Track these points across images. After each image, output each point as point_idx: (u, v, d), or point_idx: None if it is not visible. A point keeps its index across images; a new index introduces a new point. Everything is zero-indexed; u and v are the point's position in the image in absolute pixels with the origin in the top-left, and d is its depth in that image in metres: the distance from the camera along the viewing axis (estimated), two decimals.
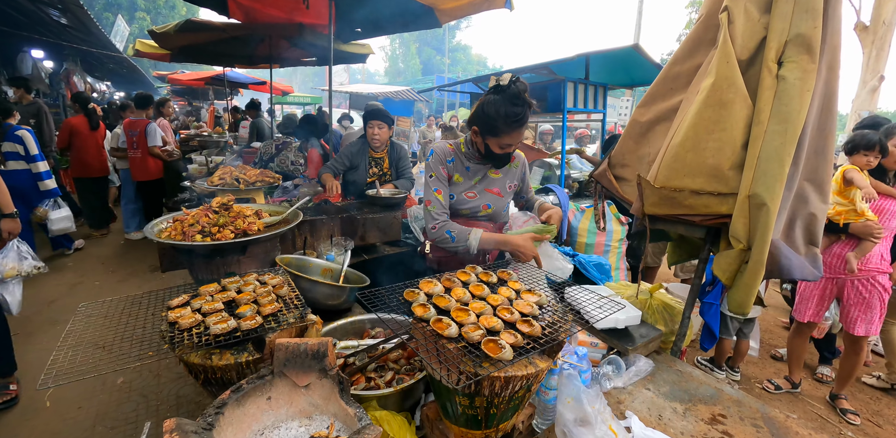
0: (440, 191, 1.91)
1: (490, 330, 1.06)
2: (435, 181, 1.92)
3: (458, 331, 1.03)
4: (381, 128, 3.40)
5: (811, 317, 3.22)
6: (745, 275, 1.55)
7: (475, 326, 1.04)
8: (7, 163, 4.45)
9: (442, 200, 1.90)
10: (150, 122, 5.77)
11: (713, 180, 1.58)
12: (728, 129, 1.56)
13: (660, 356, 1.84)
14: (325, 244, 2.37)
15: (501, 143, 1.79)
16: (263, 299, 1.38)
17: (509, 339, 1.01)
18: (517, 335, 1.02)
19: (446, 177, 1.93)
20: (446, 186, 1.93)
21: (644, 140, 1.89)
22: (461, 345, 1.01)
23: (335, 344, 1.64)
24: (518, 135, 1.78)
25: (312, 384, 1.17)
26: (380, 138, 3.42)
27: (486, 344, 0.98)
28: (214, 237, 1.71)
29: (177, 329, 1.25)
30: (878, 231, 2.76)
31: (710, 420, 1.49)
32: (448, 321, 1.05)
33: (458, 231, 1.84)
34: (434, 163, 1.94)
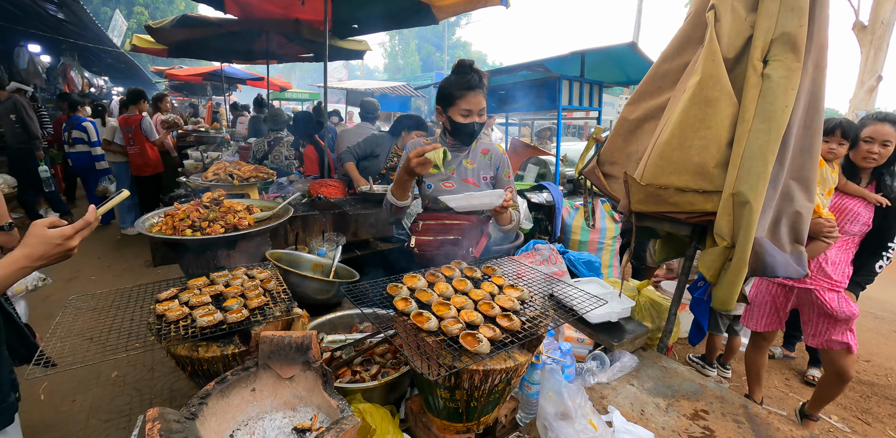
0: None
1: (470, 324, 1.08)
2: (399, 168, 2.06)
3: (438, 325, 1.05)
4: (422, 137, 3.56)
5: (765, 327, 2.85)
6: (728, 273, 1.56)
7: (455, 320, 1.06)
8: (75, 145, 6.32)
9: None
10: (143, 118, 5.76)
11: (698, 178, 1.60)
12: (713, 127, 1.58)
13: (646, 352, 1.86)
14: (317, 239, 2.39)
15: (461, 111, 1.85)
16: (250, 293, 1.39)
17: (487, 333, 1.03)
18: (496, 329, 1.04)
19: None
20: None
21: (632, 138, 1.91)
22: (440, 339, 1.03)
23: (322, 338, 1.66)
24: (473, 99, 1.83)
25: (297, 376, 1.19)
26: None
27: (465, 337, 1.00)
28: (204, 232, 1.72)
29: (164, 321, 1.27)
30: (828, 229, 2.29)
31: (692, 416, 1.51)
32: (428, 314, 1.07)
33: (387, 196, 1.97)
34: (404, 155, 2.04)
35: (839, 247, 2.57)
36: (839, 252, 2.56)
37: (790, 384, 3.69)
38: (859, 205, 2.52)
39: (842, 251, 2.57)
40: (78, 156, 6.43)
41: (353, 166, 3.59)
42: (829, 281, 2.49)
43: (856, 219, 2.53)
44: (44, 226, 1.08)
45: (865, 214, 2.52)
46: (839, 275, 2.52)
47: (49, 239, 1.07)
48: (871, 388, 3.63)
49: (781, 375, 3.81)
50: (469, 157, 2.06)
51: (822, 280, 2.51)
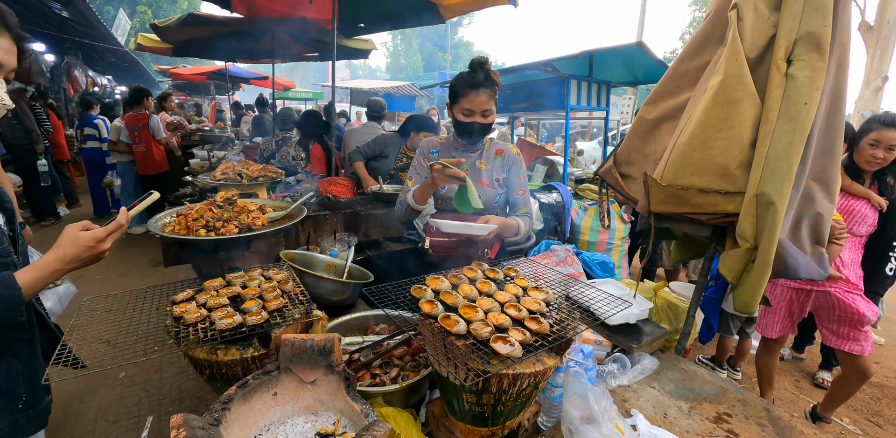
0: (412, 178, 2.07)
1: (498, 327, 1.05)
2: (411, 168, 2.10)
3: (467, 328, 1.03)
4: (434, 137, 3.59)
5: (780, 332, 2.83)
6: (751, 274, 1.54)
7: (483, 323, 1.04)
8: (86, 142, 6.79)
9: (410, 184, 2.05)
10: (150, 116, 5.75)
11: (720, 179, 1.57)
12: (736, 128, 1.55)
13: (664, 354, 1.84)
14: (329, 239, 2.37)
15: (463, 109, 1.84)
16: (269, 294, 1.37)
17: (518, 336, 1.01)
18: (525, 332, 1.02)
19: (424, 167, 2.05)
20: (420, 174, 2.07)
21: (650, 138, 1.89)
22: (469, 342, 1.01)
23: (340, 340, 1.64)
24: (476, 99, 1.80)
25: (319, 380, 1.17)
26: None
27: (495, 340, 0.98)
28: (219, 232, 1.70)
29: (182, 324, 1.25)
30: (839, 231, 2.28)
31: (716, 419, 1.49)
32: (456, 317, 1.05)
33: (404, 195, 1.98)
34: (418, 154, 2.11)
35: (850, 249, 2.56)
36: (850, 253, 2.56)
37: (800, 386, 3.67)
38: (865, 206, 2.53)
39: (853, 252, 2.57)
40: (89, 152, 6.84)
41: (362, 166, 3.58)
42: (847, 282, 2.47)
43: (863, 221, 2.52)
44: (77, 229, 1.09)
45: (872, 215, 2.52)
46: (855, 277, 2.51)
47: (82, 241, 1.08)
48: (881, 390, 3.61)
49: (791, 377, 3.79)
50: (482, 158, 2.04)
51: (841, 281, 2.49)
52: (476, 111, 1.83)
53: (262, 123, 7.25)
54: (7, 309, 1.03)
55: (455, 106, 1.87)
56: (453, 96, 1.87)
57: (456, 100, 1.86)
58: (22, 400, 1.22)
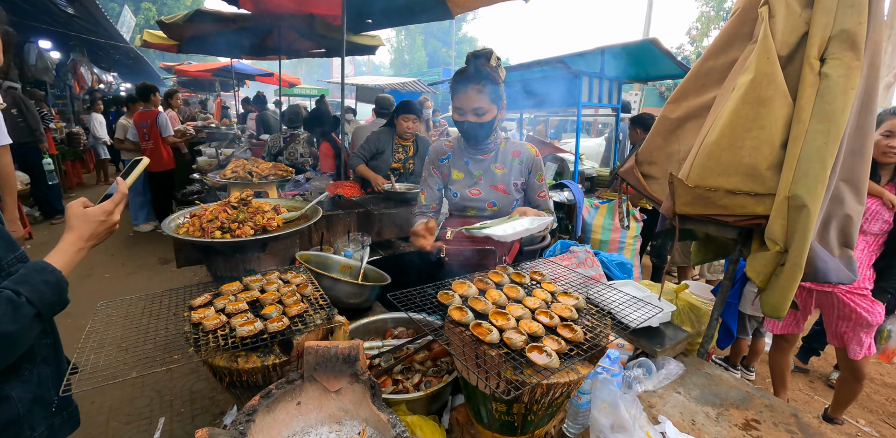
0: (424, 192, 2.00)
1: (531, 336, 1.02)
2: (423, 181, 2.01)
3: (500, 337, 0.99)
4: (414, 122, 3.49)
5: (784, 329, 2.80)
6: (781, 278, 1.50)
7: (516, 331, 1.01)
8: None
9: (423, 199, 2.00)
10: (160, 113, 5.73)
11: (749, 180, 1.53)
12: (766, 128, 1.51)
13: (687, 358, 1.80)
14: (342, 240, 2.34)
15: (455, 108, 1.75)
16: (288, 299, 1.34)
17: (553, 345, 0.97)
18: (561, 341, 0.99)
19: (437, 177, 1.98)
20: (432, 186, 1.99)
21: (673, 137, 1.84)
22: (503, 352, 0.98)
23: None
24: (463, 96, 1.69)
25: (343, 388, 1.14)
26: (411, 131, 3.55)
27: (531, 350, 0.95)
28: (234, 233, 1.67)
29: (201, 330, 1.22)
30: None
31: (744, 426, 1.45)
32: (488, 326, 1.02)
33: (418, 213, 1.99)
34: (427, 164, 2.00)
35: (860, 250, 2.50)
36: (861, 255, 2.50)
37: (814, 387, 3.63)
38: (877, 204, 2.47)
39: (864, 254, 2.50)
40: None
41: (365, 167, 3.55)
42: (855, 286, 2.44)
43: (875, 218, 2.47)
44: (80, 207, 1.08)
45: (885, 212, 2.46)
46: (862, 277, 2.47)
47: (92, 217, 1.07)
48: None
49: (805, 378, 3.75)
50: (498, 161, 1.90)
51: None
52: (466, 109, 1.70)
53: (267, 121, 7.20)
54: (57, 293, 1.02)
55: (452, 106, 1.77)
56: (451, 95, 1.76)
57: (451, 99, 1.76)
58: (54, 403, 1.21)
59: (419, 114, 3.55)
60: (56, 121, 9.15)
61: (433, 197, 1.99)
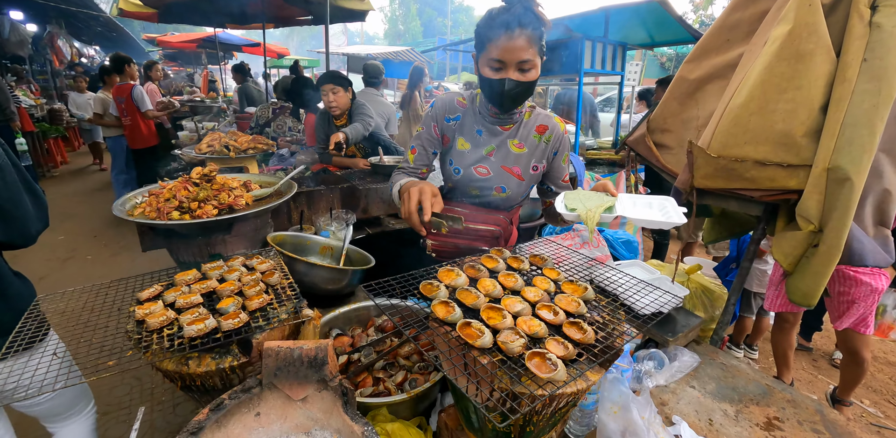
0: (414, 150, 1.59)
1: (532, 337, 0.84)
2: (416, 138, 1.60)
3: (493, 340, 0.81)
4: (335, 93, 2.95)
5: (785, 307, 2.66)
6: (814, 261, 1.32)
7: (513, 332, 0.83)
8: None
9: (411, 159, 1.59)
10: (134, 86, 5.41)
11: (781, 149, 1.33)
12: (804, 88, 1.29)
13: (700, 346, 1.65)
14: (325, 218, 2.14)
15: (490, 61, 1.33)
16: (250, 290, 1.16)
17: (559, 350, 0.80)
18: (568, 345, 0.81)
19: (436, 139, 1.58)
20: (426, 148, 1.59)
21: (691, 101, 1.63)
22: (497, 358, 0.80)
23: (334, 335, 1.44)
24: (508, 45, 1.27)
25: (310, 396, 0.97)
26: (337, 104, 2.99)
27: (531, 358, 0.77)
28: (194, 214, 1.47)
29: (145, 329, 1.04)
30: None
31: (766, 425, 1.31)
32: (479, 326, 0.84)
33: (396, 182, 1.50)
34: (427, 118, 1.58)
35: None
36: None
37: (818, 365, 3.53)
38: None
39: None
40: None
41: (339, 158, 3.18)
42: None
43: None
44: None
45: None
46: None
47: None
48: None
49: (809, 357, 3.65)
50: (517, 137, 1.55)
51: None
52: (508, 62, 1.30)
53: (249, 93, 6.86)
54: None
55: (483, 56, 1.35)
56: (480, 44, 1.36)
57: (483, 48, 1.34)
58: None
59: (346, 84, 3.01)
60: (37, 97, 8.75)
61: (424, 159, 1.60)
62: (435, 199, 1.24)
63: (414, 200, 1.22)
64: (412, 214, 1.23)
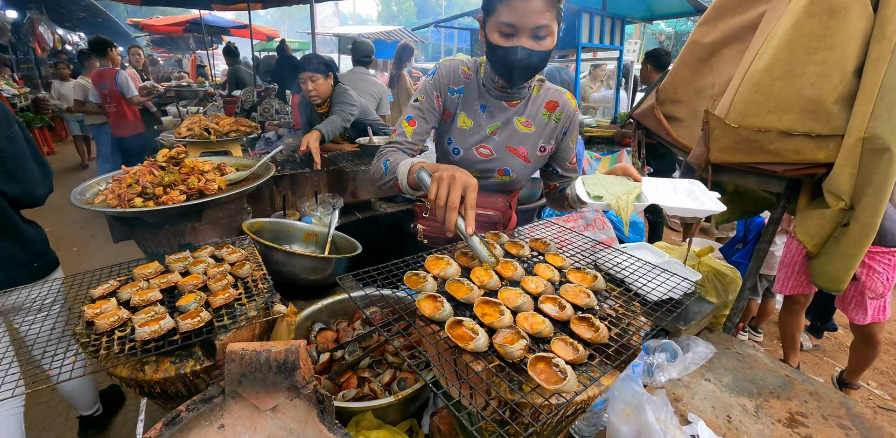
0: (413, 121, 1.36)
1: (535, 337, 0.72)
2: (414, 108, 1.36)
3: (489, 342, 0.69)
4: (314, 80, 2.72)
5: (794, 289, 2.53)
6: (844, 243, 1.19)
7: (513, 332, 0.70)
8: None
9: (409, 134, 1.35)
10: (118, 71, 5.17)
11: (810, 117, 1.19)
12: (837, 47, 1.15)
13: (713, 334, 1.54)
14: (310, 202, 2.00)
15: (498, 26, 1.14)
16: (215, 284, 1.03)
17: (567, 353, 0.67)
18: (578, 347, 0.68)
19: (437, 110, 1.38)
20: (427, 119, 1.37)
21: (705, 67, 1.47)
22: (494, 365, 0.67)
23: (317, 330, 1.32)
24: (525, 7, 1.09)
25: (281, 405, 0.85)
26: (318, 93, 2.76)
27: (535, 364, 0.64)
28: (159, 200, 1.33)
29: (95, 331, 0.91)
30: None
31: (789, 422, 1.20)
32: (472, 325, 0.71)
33: (395, 160, 1.24)
34: (429, 87, 1.36)
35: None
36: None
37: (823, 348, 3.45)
38: None
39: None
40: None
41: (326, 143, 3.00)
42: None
43: None
44: None
45: None
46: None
47: None
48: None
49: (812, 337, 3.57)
50: (525, 114, 1.40)
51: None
52: (522, 27, 1.12)
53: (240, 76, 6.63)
54: None
55: (489, 20, 1.17)
56: (487, 3, 1.17)
57: (491, 9, 1.15)
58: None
59: (324, 70, 2.75)
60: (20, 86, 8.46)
61: (424, 134, 1.38)
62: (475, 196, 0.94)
63: (458, 191, 0.90)
64: (453, 210, 0.89)
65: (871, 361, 2.60)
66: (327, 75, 2.78)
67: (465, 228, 0.89)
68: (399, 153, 1.33)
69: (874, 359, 2.61)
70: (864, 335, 2.40)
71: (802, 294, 2.58)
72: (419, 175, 1.01)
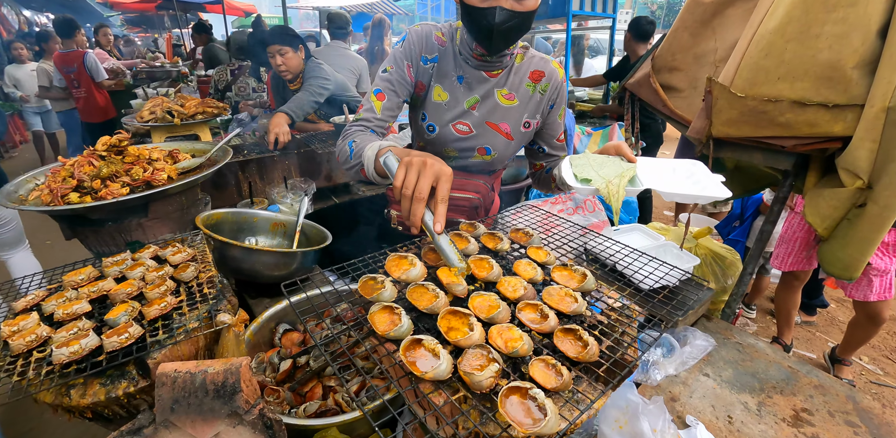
0: (382, 95, 1.20)
1: (511, 356, 0.60)
2: (383, 80, 1.21)
3: (453, 367, 0.57)
4: (283, 54, 2.52)
5: (793, 266, 2.47)
6: (860, 225, 1.08)
7: (482, 354, 0.58)
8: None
9: (378, 109, 1.19)
10: (86, 53, 4.88)
11: (826, 85, 1.05)
12: (860, 4, 1.00)
13: (711, 322, 1.44)
14: (279, 188, 1.86)
15: None
16: (152, 291, 0.90)
17: (549, 380, 0.55)
18: (562, 370, 0.56)
19: (409, 82, 1.23)
20: (398, 92, 1.21)
21: (707, 30, 1.32)
22: (459, 396, 0.56)
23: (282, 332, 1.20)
24: None
25: (223, 433, 0.74)
26: (287, 67, 2.57)
27: (509, 395, 0.52)
28: (97, 195, 1.19)
29: (10, 353, 0.79)
30: None
31: (794, 420, 1.11)
32: (433, 345, 0.59)
33: (362, 141, 1.10)
34: (399, 55, 1.21)
35: None
36: None
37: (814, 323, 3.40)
38: None
39: None
40: None
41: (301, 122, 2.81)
42: None
43: None
44: None
45: None
46: None
47: None
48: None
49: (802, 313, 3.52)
50: (507, 86, 1.26)
51: None
52: None
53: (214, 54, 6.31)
54: None
55: None
56: None
57: None
58: None
59: (295, 44, 2.54)
60: None
61: (394, 109, 1.23)
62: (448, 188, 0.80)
63: (427, 180, 0.77)
64: (420, 202, 0.76)
65: (869, 338, 2.55)
66: (297, 48, 2.58)
67: (432, 225, 0.76)
68: (367, 133, 1.18)
69: (873, 337, 2.56)
70: (870, 313, 2.32)
71: (802, 270, 2.51)
72: (386, 160, 0.87)
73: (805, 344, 3.11)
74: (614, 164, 0.98)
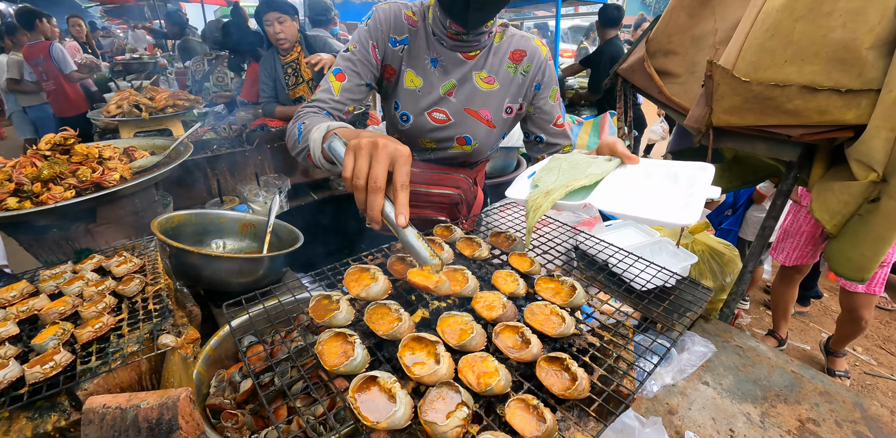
0: (342, 75, 1.08)
1: (484, 395, 0.50)
2: (345, 59, 1.10)
3: (412, 413, 0.47)
4: (282, 22, 2.44)
5: (796, 260, 2.42)
6: (874, 222, 0.99)
7: (447, 395, 0.48)
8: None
9: (336, 90, 1.08)
10: (52, 44, 4.67)
11: (838, 68, 0.95)
12: None
13: (708, 324, 1.36)
14: (251, 186, 1.75)
15: None
16: (88, 309, 0.79)
17: (529, 427, 0.46)
18: (542, 410, 0.47)
19: (374, 65, 1.11)
20: (361, 74, 1.10)
21: (706, 9, 1.21)
22: None
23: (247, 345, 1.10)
24: None
25: None
26: (286, 35, 2.48)
27: None
28: (37, 200, 1.07)
29: None
30: None
31: (800, 431, 1.03)
32: (389, 384, 0.49)
33: (311, 123, 0.97)
34: (363, 34, 1.10)
35: None
36: None
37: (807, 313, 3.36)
38: None
39: None
40: None
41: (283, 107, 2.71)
42: None
43: None
44: None
45: None
46: None
47: None
48: (890, 313, 3.33)
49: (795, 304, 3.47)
50: (485, 68, 1.16)
51: None
52: None
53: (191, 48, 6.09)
54: None
55: None
56: None
57: None
58: None
59: (292, 11, 2.46)
60: None
61: (354, 92, 1.10)
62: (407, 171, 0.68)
63: (382, 165, 0.65)
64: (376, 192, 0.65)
65: (857, 335, 2.49)
66: (294, 18, 2.51)
67: (394, 217, 0.65)
68: (320, 115, 1.05)
69: (860, 334, 2.51)
70: (852, 307, 2.28)
71: (805, 264, 2.44)
72: (331, 144, 0.73)
73: (799, 336, 3.07)
74: (597, 167, 0.86)
